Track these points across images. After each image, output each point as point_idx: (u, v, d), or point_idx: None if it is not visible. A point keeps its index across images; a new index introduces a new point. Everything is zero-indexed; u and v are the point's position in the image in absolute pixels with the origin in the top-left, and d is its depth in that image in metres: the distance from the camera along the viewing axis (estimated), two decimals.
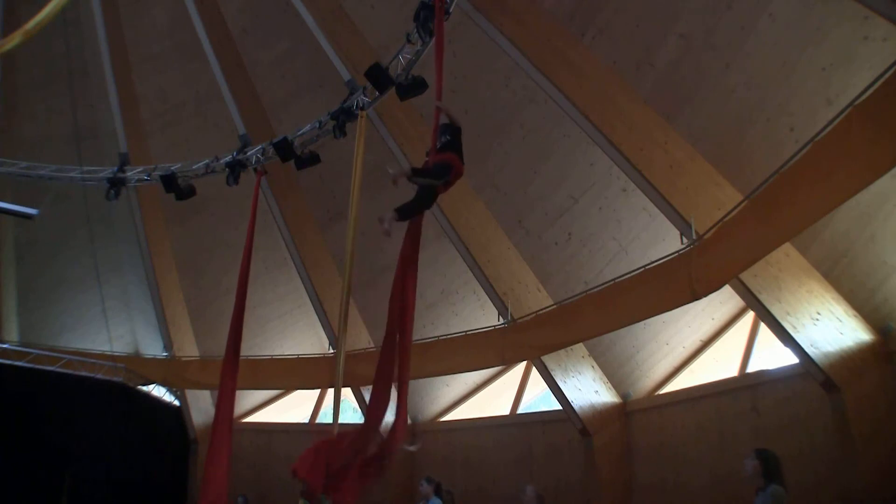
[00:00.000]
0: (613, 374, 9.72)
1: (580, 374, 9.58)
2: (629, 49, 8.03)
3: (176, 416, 13.22)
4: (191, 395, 13.19)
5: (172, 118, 12.10)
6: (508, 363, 11.06)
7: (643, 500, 8.95)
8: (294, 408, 14.19)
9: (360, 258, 7.52)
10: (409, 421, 6.01)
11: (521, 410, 11.28)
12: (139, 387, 12.88)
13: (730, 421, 7.90)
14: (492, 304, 10.16)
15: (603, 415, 9.45)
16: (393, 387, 5.63)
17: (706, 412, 8.29)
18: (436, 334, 10.90)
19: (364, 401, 11.93)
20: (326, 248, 12.02)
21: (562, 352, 9.45)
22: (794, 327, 6.73)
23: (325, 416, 13.39)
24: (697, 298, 7.07)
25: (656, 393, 9.52)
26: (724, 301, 8.65)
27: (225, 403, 8.14)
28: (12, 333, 13.35)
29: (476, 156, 9.57)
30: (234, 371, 8.28)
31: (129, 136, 11.50)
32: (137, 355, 13.94)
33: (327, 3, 10.19)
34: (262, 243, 10.98)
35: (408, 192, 5.66)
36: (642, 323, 8.66)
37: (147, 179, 10.94)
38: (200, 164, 10.53)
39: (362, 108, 8.98)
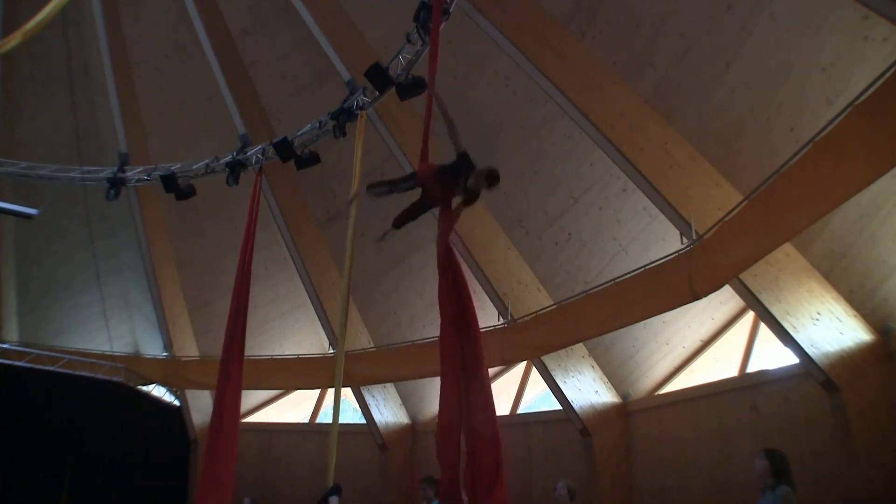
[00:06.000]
0: (613, 374, 9.72)
1: (580, 374, 9.57)
2: (629, 49, 8.03)
3: (176, 416, 13.23)
4: (191, 395, 13.19)
5: (172, 118, 12.11)
6: (508, 363, 11.07)
7: (643, 499, 8.94)
8: (294, 408, 14.20)
9: (360, 258, 7.51)
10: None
11: (521, 410, 11.29)
12: (139, 387, 12.89)
13: (730, 421, 7.88)
14: (492, 304, 10.15)
15: (603, 415, 9.45)
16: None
17: (706, 412, 8.27)
18: (436, 334, 10.86)
19: (364, 401, 11.94)
20: (326, 248, 12.02)
21: (562, 352, 9.45)
22: (794, 327, 6.72)
23: (325, 416, 13.39)
24: (697, 298, 7.07)
25: (656, 393, 9.51)
26: (724, 301, 8.65)
27: (232, 403, 8.10)
28: (12, 333, 13.34)
29: (476, 156, 9.57)
30: (239, 370, 8.26)
31: (129, 136, 11.50)
32: (137, 355, 13.94)
33: (327, 2, 10.20)
34: (263, 243, 10.97)
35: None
36: (642, 323, 8.65)
37: (147, 179, 10.95)
38: (200, 164, 10.54)
39: (362, 108, 8.99)
